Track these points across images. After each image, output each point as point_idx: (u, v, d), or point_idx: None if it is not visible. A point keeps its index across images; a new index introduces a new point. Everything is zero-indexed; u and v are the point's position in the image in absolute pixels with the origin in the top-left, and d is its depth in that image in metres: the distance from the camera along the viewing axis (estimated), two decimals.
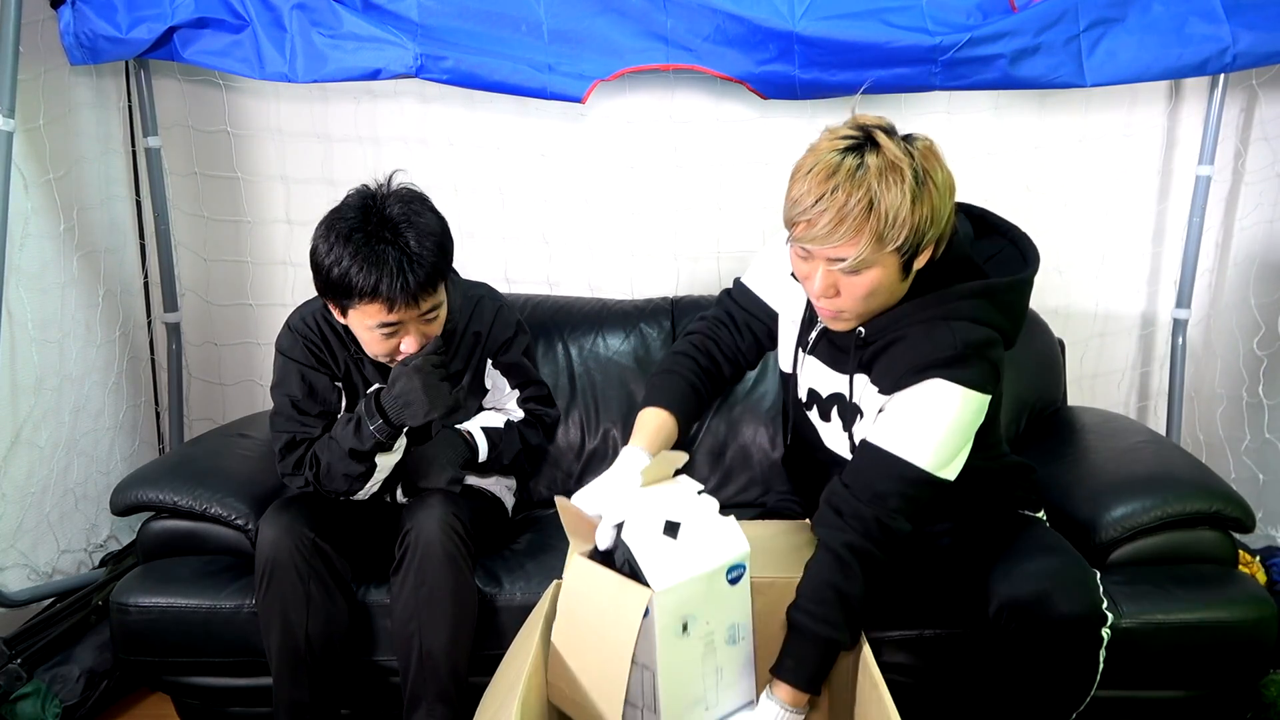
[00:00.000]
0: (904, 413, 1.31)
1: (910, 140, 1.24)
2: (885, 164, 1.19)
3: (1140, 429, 2.03)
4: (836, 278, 1.26)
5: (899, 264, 1.26)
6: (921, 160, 1.22)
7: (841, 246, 1.22)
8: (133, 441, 2.38)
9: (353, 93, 2.27)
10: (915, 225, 1.21)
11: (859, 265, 1.23)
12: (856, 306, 1.29)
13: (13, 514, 2.01)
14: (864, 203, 1.19)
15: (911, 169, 1.20)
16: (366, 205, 1.51)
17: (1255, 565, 1.90)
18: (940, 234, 1.26)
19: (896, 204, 1.19)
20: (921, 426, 1.29)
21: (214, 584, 1.68)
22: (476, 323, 1.75)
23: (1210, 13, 1.91)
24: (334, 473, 1.61)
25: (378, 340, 1.56)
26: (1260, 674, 1.66)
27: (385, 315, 1.51)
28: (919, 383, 1.29)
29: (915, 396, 1.30)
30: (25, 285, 2.03)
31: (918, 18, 1.94)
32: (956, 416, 1.29)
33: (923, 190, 1.21)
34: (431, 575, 1.54)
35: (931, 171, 1.22)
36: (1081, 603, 1.34)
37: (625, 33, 2.04)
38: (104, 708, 1.95)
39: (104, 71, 2.26)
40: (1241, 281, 2.24)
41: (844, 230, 1.20)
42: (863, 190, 1.19)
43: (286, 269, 2.40)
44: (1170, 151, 2.26)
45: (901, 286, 1.31)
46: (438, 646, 1.54)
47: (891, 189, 1.19)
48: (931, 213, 1.22)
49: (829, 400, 1.45)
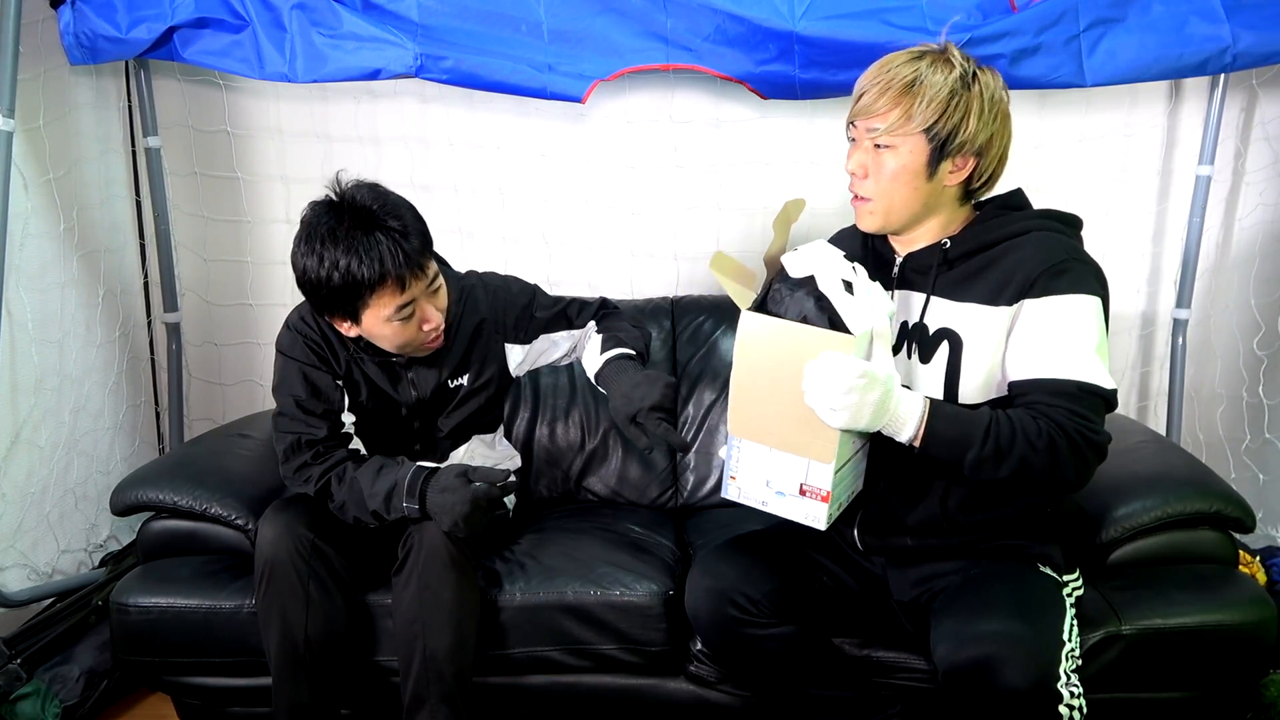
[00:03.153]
0: (1044, 334, 1.32)
1: (979, 61, 1.36)
2: (940, 60, 1.34)
3: (1140, 429, 2.03)
4: (869, 157, 1.37)
5: (926, 151, 1.33)
6: (976, 69, 1.34)
7: (877, 116, 1.34)
8: (133, 441, 2.38)
9: (353, 93, 2.27)
10: (948, 113, 1.31)
11: (888, 136, 1.34)
12: (882, 191, 1.37)
13: (13, 514, 2.01)
14: (908, 80, 1.33)
15: (962, 69, 1.33)
16: (334, 205, 1.52)
17: (1255, 565, 1.90)
18: (980, 149, 1.34)
19: (936, 88, 1.31)
20: (1067, 342, 1.30)
21: (214, 584, 1.68)
22: (472, 314, 1.73)
23: (1210, 13, 1.91)
24: (346, 512, 1.59)
25: (399, 331, 1.55)
26: (1260, 674, 1.66)
27: (399, 297, 1.51)
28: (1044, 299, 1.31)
29: (1047, 318, 1.32)
30: (25, 285, 2.03)
31: (918, 18, 1.94)
32: (1090, 325, 1.31)
33: (966, 90, 1.32)
34: (435, 577, 1.54)
35: (984, 80, 1.33)
36: (1028, 676, 1.21)
37: (625, 33, 2.04)
38: (104, 708, 1.94)
39: (104, 71, 2.26)
40: (1241, 281, 2.24)
41: (884, 100, 1.33)
42: (911, 70, 1.33)
43: (286, 269, 2.36)
44: (1170, 151, 2.25)
45: (931, 190, 1.37)
46: (442, 648, 1.53)
47: (936, 75, 1.32)
48: (969, 112, 1.32)
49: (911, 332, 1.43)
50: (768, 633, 1.45)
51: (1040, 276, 1.32)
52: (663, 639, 1.65)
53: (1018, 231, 1.37)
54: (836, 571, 1.52)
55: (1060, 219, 1.42)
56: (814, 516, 1.32)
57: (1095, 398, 1.30)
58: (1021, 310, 1.33)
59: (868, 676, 1.58)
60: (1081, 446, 1.27)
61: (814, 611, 1.49)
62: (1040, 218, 1.41)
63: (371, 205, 1.50)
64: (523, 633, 1.65)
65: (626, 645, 1.65)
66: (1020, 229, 1.38)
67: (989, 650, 1.23)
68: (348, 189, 1.53)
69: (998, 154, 1.37)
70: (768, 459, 1.32)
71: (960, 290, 1.38)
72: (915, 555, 1.47)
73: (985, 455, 1.26)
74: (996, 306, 1.34)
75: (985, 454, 1.26)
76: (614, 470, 2.08)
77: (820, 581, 1.50)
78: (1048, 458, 1.26)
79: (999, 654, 1.22)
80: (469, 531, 1.53)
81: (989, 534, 1.43)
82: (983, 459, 1.26)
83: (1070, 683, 1.25)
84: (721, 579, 1.45)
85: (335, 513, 1.61)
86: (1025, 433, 1.26)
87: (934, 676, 1.35)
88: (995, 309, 1.34)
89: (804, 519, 1.33)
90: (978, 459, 1.26)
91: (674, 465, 2.08)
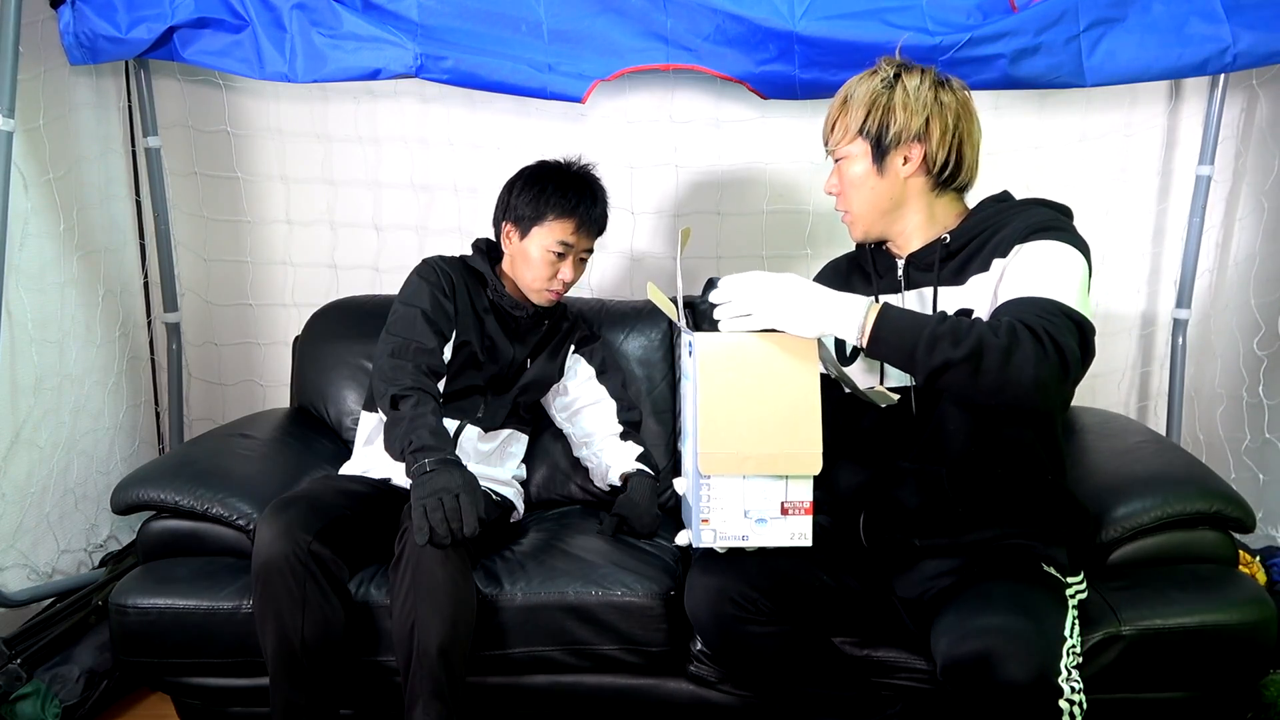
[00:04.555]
0: (1023, 269, 1.36)
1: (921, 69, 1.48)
2: (868, 74, 1.48)
3: (1140, 429, 2.02)
4: (837, 175, 1.52)
5: (868, 151, 1.46)
6: (902, 69, 1.46)
7: (830, 137, 1.52)
8: (133, 441, 2.38)
9: (353, 93, 2.27)
10: (873, 112, 1.45)
11: (838, 149, 1.50)
12: (852, 200, 1.50)
13: (13, 514, 2.01)
14: (841, 98, 1.50)
15: (885, 74, 1.46)
16: (567, 164, 1.87)
17: (1255, 565, 1.90)
18: (918, 135, 1.44)
19: (860, 95, 1.46)
20: (1044, 274, 1.33)
21: (214, 584, 1.68)
22: (570, 312, 2.02)
23: (1210, 13, 1.90)
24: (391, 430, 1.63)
25: (546, 262, 1.81)
26: (1260, 674, 1.66)
27: (568, 235, 1.81)
28: (1027, 243, 1.38)
29: (1027, 257, 1.37)
30: (25, 285, 2.03)
31: (918, 18, 1.94)
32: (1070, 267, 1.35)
33: (888, 89, 1.45)
34: (428, 574, 1.53)
35: (906, 77, 1.45)
36: (1028, 668, 1.21)
37: (625, 33, 2.04)
38: (104, 708, 1.95)
39: (104, 71, 2.26)
40: (1241, 281, 2.24)
41: (829, 122, 1.51)
42: (844, 91, 1.50)
43: (286, 269, 2.40)
44: (1170, 151, 2.25)
45: (890, 184, 1.47)
46: (434, 644, 1.53)
47: (861, 86, 1.47)
48: (892, 106, 1.44)
49: None
50: (768, 630, 1.45)
51: (1034, 228, 1.40)
52: (663, 639, 1.65)
53: (1014, 211, 1.46)
54: (837, 569, 1.52)
55: (1052, 205, 1.50)
56: (800, 534, 1.32)
57: (1069, 319, 1.28)
58: (1012, 255, 1.39)
59: (868, 676, 1.58)
60: (1045, 343, 1.22)
61: (814, 609, 1.49)
62: (1034, 202, 1.50)
63: (593, 182, 1.87)
64: (523, 632, 1.65)
65: (627, 645, 1.65)
66: (1017, 209, 1.47)
67: (990, 644, 1.23)
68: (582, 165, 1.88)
69: (945, 136, 1.45)
70: (743, 489, 1.31)
71: (963, 273, 1.45)
72: (921, 554, 1.47)
73: (942, 332, 1.23)
74: (992, 267, 1.40)
75: (942, 331, 1.23)
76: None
77: (820, 580, 1.50)
78: (1006, 341, 1.21)
79: (1000, 647, 1.22)
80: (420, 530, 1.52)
81: (996, 533, 1.44)
82: (939, 335, 1.23)
83: (1071, 678, 1.26)
84: (721, 577, 1.45)
85: (383, 421, 1.70)
86: (986, 325, 1.25)
87: (934, 677, 1.35)
88: (992, 269, 1.40)
89: (789, 540, 1.32)
90: (934, 335, 1.23)
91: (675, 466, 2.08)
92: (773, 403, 1.26)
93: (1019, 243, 1.39)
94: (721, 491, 1.31)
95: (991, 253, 1.42)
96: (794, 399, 1.27)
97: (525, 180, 1.84)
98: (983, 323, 1.25)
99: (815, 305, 1.27)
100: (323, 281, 2.40)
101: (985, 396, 1.26)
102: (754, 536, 1.32)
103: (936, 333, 1.23)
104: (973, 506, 1.44)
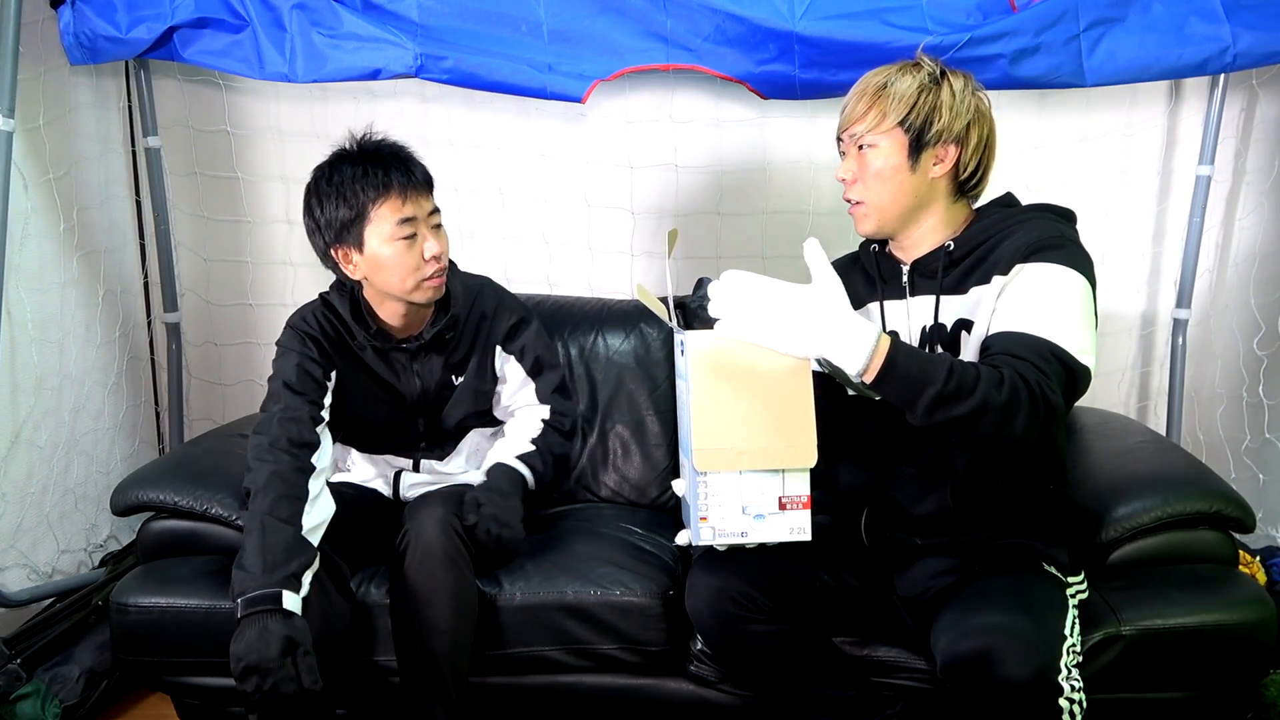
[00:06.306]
0: (1022, 297, 1.35)
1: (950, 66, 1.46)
2: (909, 66, 1.45)
3: (1140, 429, 2.03)
4: (856, 161, 1.46)
5: (905, 144, 1.42)
6: (945, 69, 1.44)
7: (857, 121, 1.45)
8: (133, 441, 2.38)
9: (353, 93, 2.27)
10: (919, 106, 1.41)
11: (869, 136, 1.43)
12: (872, 191, 1.45)
13: (13, 514, 2.01)
14: (879, 84, 1.44)
15: (929, 70, 1.43)
16: (351, 145, 1.65)
17: (1255, 565, 1.90)
18: (957, 137, 1.42)
19: (905, 86, 1.42)
20: (1044, 307, 1.33)
21: (214, 584, 1.68)
22: (479, 308, 1.79)
23: (1210, 13, 1.91)
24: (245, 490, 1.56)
25: (402, 252, 1.60)
26: (1260, 674, 1.66)
27: (401, 209, 1.59)
28: (1028, 264, 1.36)
29: (1028, 283, 1.36)
30: (25, 285, 2.03)
31: (918, 18, 1.94)
32: (1070, 296, 1.33)
33: (935, 85, 1.42)
34: (429, 576, 1.53)
35: (951, 79, 1.43)
36: (1028, 666, 1.21)
37: (625, 33, 2.04)
38: (104, 708, 1.95)
39: (104, 71, 2.26)
40: (1241, 281, 2.24)
41: (860, 105, 1.45)
42: (882, 77, 1.45)
43: (286, 269, 2.40)
44: (1170, 151, 2.25)
45: (917, 183, 1.44)
46: (437, 647, 1.53)
47: (905, 77, 1.43)
48: (939, 104, 1.41)
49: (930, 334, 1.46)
50: (768, 630, 1.45)
51: (1035, 246, 1.37)
52: (663, 639, 1.65)
53: (1017, 220, 1.44)
54: (837, 568, 1.52)
55: (1056, 211, 1.48)
56: (799, 528, 1.32)
57: (1061, 365, 1.29)
58: (1012, 275, 1.37)
59: (868, 675, 1.58)
60: (1040, 404, 1.23)
61: (814, 608, 1.50)
62: (1037, 210, 1.48)
63: (386, 144, 1.65)
64: (523, 632, 1.65)
65: (626, 645, 1.66)
66: (1020, 219, 1.44)
67: (990, 642, 1.23)
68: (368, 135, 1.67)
69: (979, 144, 1.44)
70: (740, 485, 1.31)
71: (965, 281, 1.43)
72: (922, 553, 1.47)
73: (948, 392, 1.20)
74: (992, 281, 1.39)
75: (948, 390, 1.20)
76: (614, 470, 2.08)
77: (820, 578, 1.50)
78: (1007, 401, 1.21)
79: (1000, 645, 1.22)
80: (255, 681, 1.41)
81: (997, 533, 1.44)
82: (944, 395, 1.20)
83: (1071, 676, 1.25)
84: (722, 576, 1.45)
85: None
86: (989, 378, 1.23)
87: (934, 676, 1.35)
88: (992, 284, 1.39)
89: (789, 535, 1.32)
90: (939, 395, 1.20)
91: (674, 465, 2.08)
92: (766, 397, 1.26)
93: (1020, 262, 1.37)
94: (719, 488, 1.31)
95: (993, 267, 1.40)
96: (787, 393, 1.27)
97: (318, 193, 1.63)
98: (985, 378, 1.22)
99: (815, 329, 1.19)
100: (323, 282, 2.39)
101: (974, 443, 1.37)
102: (753, 532, 1.32)
103: (942, 394, 1.20)
104: (975, 516, 1.44)
